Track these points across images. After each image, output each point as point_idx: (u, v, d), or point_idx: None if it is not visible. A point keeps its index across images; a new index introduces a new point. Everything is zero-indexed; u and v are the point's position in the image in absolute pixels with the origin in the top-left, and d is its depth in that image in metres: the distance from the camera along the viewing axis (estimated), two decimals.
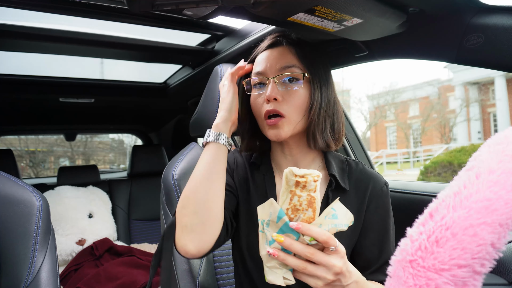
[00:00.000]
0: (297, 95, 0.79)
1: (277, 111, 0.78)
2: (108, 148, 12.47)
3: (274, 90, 0.78)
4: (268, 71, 0.82)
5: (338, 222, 0.59)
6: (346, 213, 0.61)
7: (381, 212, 0.83)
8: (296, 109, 0.79)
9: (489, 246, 0.46)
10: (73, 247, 2.16)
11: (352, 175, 0.86)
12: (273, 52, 0.83)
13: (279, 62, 0.81)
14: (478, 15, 0.82)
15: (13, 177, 0.88)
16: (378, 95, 21.73)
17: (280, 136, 0.79)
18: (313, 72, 0.81)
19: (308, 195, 0.58)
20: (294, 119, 0.79)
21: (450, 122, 19.52)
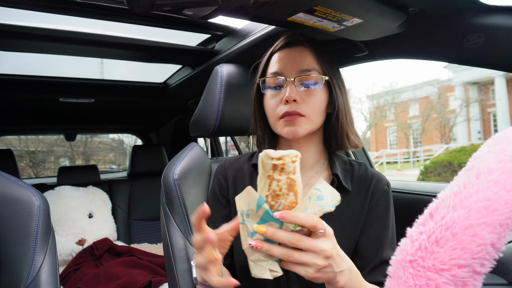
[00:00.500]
0: (317, 97, 0.81)
1: (297, 112, 0.78)
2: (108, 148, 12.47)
3: (293, 91, 0.79)
4: (286, 71, 0.82)
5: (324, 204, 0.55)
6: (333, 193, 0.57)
7: (381, 210, 0.83)
8: (316, 110, 0.80)
9: (489, 246, 0.46)
10: (73, 247, 2.16)
11: (355, 175, 0.86)
12: (291, 52, 0.83)
13: (298, 63, 0.81)
14: (478, 15, 0.82)
15: (13, 177, 0.88)
16: (378, 95, 21.73)
17: (297, 134, 0.79)
18: (332, 74, 0.83)
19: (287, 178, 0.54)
20: (313, 119, 0.80)
21: (450, 122, 19.52)
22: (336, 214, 0.76)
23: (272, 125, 0.85)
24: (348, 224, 0.81)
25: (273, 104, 0.83)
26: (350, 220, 0.82)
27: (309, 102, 0.80)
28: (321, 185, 0.56)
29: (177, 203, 1.02)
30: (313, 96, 0.80)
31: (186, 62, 1.87)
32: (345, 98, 0.85)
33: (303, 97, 0.80)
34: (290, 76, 0.81)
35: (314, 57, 0.83)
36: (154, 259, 2.10)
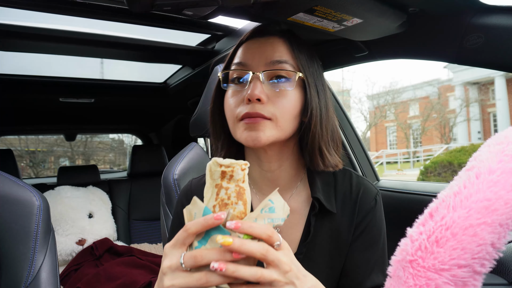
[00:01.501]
0: (288, 97, 0.66)
1: (260, 114, 0.63)
2: (108, 148, 12.47)
3: (258, 88, 0.64)
4: (252, 63, 0.67)
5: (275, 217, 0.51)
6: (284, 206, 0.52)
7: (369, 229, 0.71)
8: (285, 113, 0.65)
9: (489, 246, 0.46)
10: (73, 247, 2.16)
11: (339, 189, 0.74)
12: (261, 42, 0.69)
13: (268, 54, 0.67)
14: (478, 15, 0.82)
15: (13, 177, 0.88)
16: (378, 95, 21.72)
17: (259, 140, 0.63)
18: (309, 71, 0.69)
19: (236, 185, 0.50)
20: (281, 125, 0.65)
21: (450, 122, 19.52)
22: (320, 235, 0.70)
23: (231, 130, 0.70)
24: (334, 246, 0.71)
25: (233, 103, 0.68)
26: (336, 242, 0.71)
27: (277, 103, 0.65)
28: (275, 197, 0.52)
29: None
30: (282, 96, 0.65)
31: (186, 62, 1.87)
32: (323, 104, 0.69)
33: (270, 96, 0.65)
34: (257, 69, 0.66)
35: (288, 48, 0.68)
36: (154, 259, 2.10)
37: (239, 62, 0.69)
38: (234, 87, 0.69)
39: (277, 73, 0.66)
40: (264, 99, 0.64)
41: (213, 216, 0.46)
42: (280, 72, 0.66)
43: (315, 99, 0.68)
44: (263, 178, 0.74)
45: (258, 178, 0.75)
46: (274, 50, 0.68)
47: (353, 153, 1.60)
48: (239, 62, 0.69)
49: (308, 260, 0.68)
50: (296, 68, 0.68)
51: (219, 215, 0.46)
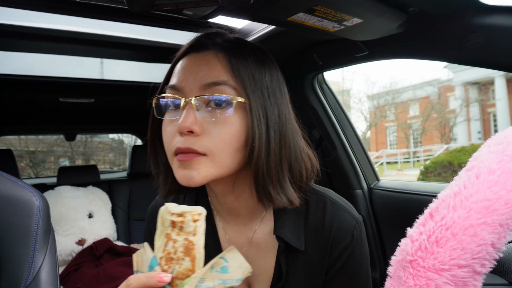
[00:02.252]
0: (227, 126, 0.55)
1: (192, 149, 0.54)
2: (108, 148, 12.47)
3: (190, 117, 0.54)
4: (186, 86, 0.57)
5: (228, 277, 0.45)
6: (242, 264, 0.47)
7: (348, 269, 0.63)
8: (224, 147, 0.55)
9: (489, 246, 0.46)
10: (73, 247, 2.16)
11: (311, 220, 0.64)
12: (195, 59, 0.59)
13: (203, 75, 0.56)
14: (478, 15, 0.82)
15: (13, 177, 0.88)
16: (378, 95, 21.73)
17: (193, 181, 0.54)
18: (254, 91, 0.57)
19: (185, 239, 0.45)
20: (220, 160, 0.55)
21: (450, 122, 19.52)
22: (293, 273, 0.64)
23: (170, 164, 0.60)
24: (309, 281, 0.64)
25: (169, 135, 0.58)
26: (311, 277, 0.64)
27: (213, 135, 0.54)
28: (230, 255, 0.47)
29: None
30: (220, 126, 0.55)
31: None
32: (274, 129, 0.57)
33: (205, 126, 0.55)
34: (190, 93, 0.56)
35: (227, 65, 0.57)
36: None
37: (172, 86, 0.59)
38: (170, 115, 0.59)
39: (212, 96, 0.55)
40: (198, 130, 0.54)
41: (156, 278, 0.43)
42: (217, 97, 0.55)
43: (260, 126, 0.56)
44: (223, 208, 0.68)
45: (219, 208, 0.69)
46: (211, 69, 0.57)
47: (353, 153, 1.60)
48: (172, 85, 0.59)
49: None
50: (238, 90, 0.56)
51: (161, 277, 0.43)
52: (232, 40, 0.62)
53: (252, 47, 0.63)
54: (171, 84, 0.60)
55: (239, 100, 0.56)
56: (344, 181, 1.55)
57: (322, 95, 1.57)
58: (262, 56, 0.63)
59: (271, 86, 0.60)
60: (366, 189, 1.53)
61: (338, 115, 1.59)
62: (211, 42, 0.61)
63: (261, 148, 0.56)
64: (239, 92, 0.57)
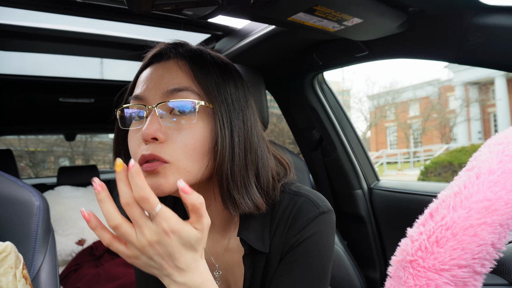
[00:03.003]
0: (190, 132, 0.55)
1: (156, 156, 0.53)
2: (108, 148, 12.47)
3: (154, 124, 0.54)
4: (148, 95, 0.57)
5: None
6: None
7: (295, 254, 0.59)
8: (189, 154, 0.54)
9: (490, 246, 0.46)
10: (73, 247, 2.16)
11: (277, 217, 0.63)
12: (158, 68, 0.59)
13: (165, 83, 0.57)
14: (479, 15, 0.82)
15: (13, 177, 0.88)
16: (378, 95, 21.73)
17: (162, 189, 0.53)
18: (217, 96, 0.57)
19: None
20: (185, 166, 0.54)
21: (450, 122, 19.52)
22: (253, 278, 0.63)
23: None
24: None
25: (134, 145, 0.57)
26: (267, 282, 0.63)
27: (177, 141, 0.54)
28: None
29: None
30: (185, 132, 0.54)
31: None
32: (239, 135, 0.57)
33: (170, 133, 0.54)
34: (153, 101, 0.56)
35: (189, 72, 0.57)
36: None
37: (135, 96, 0.59)
38: (135, 124, 0.59)
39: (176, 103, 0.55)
40: (162, 137, 0.53)
41: None
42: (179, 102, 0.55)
43: (223, 131, 0.56)
44: None
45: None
46: (172, 77, 0.57)
47: (353, 153, 1.60)
48: (136, 95, 0.59)
49: None
50: (201, 95, 0.57)
51: None
52: (194, 50, 0.62)
53: (214, 57, 0.63)
54: (135, 94, 0.60)
55: (202, 104, 0.56)
56: (344, 181, 1.55)
57: (322, 95, 1.57)
58: (224, 65, 0.63)
59: (235, 93, 0.60)
60: (366, 189, 1.53)
61: (338, 115, 1.59)
62: (173, 52, 0.61)
63: (225, 152, 0.55)
64: (202, 97, 0.57)
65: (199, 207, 0.45)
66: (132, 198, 0.45)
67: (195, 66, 0.58)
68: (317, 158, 1.62)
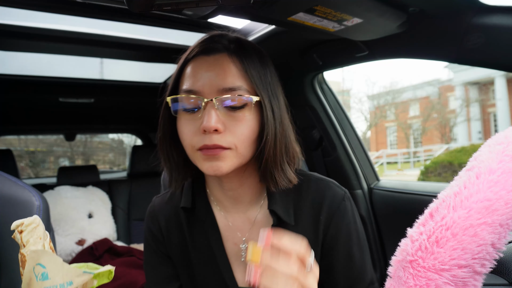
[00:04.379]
0: (245, 124, 0.63)
1: (218, 145, 0.61)
2: (108, 148, 12.47)
3: (213, 117, 0.60)
4: (204, 89, 0.63)
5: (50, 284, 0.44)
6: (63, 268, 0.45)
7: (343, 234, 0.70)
8: (244, 141, 0.63)
9: (490, 246, 0.46)
10: (73, 247, 2.16)
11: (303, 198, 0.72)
12: (210, 62, 0.64)
13: (220, 79, 0.63)
14: (478, 15, 0.82)
15: (13, 177, 0.88)
16: (378, 95, 21.73)
17: (221, 171, 0.62)
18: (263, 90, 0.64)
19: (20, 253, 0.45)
20: (241, 152, 0.63)
21: (451, 122, 19.52)
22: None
23: (190, 157, 0.67)
24: None
25: (189, 133, 0.64)
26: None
27: (235, 132, 0.62)
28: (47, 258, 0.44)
29: None
30: (240, 123, 0.62)
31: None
32: (278, 121, 0.66)
33: (227, 124, 0.62)
34: (209, 95, 0.62)
35: (240, 70, 0.64)
36: None
37: (189, 90, 0.64)
38: (186, 116, 0.65)
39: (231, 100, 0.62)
40: (221, 128, 0.61)
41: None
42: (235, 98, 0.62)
43: (271, 121, 0.64)
44: (225, 197, 0.74)
45: (220, 197, 0.75)
46: (226, 75, 0.63)
47: (353, 153, 1.60)
48: (189, 89, 0.64)
49: None
50: (251, 91, 0.64)
51: None
52: (237, 41, 0.68)
53: (253, 47, 0.69)
54: (188, 87, 0.64)
55: (255, 100, 0.63)
56: (344, 181, 1.55)
57: (322, 95, 1.57)
58: (262, 54, 0.70)
59: (271, 82, 0.68)
60: (366, 189, 1.53)
61: (338, 115, 1.59)
62: (220, 45, 0.66)
63: (271, 140, 0.64)
64: (252, 93, 0.64)
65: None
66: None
67: (245, 62, 0.64)
68: (317, 158, 1.62)
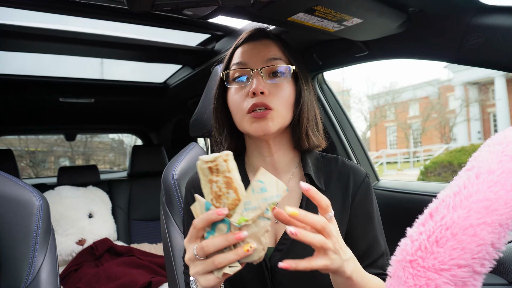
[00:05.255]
0: (284, 89, 0.76)
1: (266, 104, 0.73)
2: (108, 148, 12.47)
3: (261, 82, 0.74)
4: (251, 62, 0.76)
5: (268, 195, 0.54)
6: (277, 183, 0.55)
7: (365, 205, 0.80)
8: (284, 104, 0.76)
9: (489, 246, 0.46)
10: (73, 247, 2.16)
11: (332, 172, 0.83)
12: (255, 44, 0.79)
13: (264, 53, 0.77)
14: (478, 15, 0.82)
15: (13, 177, 0.88)
16: (378, 95, 21.73)
17: (269, 130, 0.73)
18: (298, 65, 0.79)
19: (224, 177, 0.54)
20: (283, 114, 0.75)
21: (450, 122, 19.51)
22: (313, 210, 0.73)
23: (238, 123, 0.78)
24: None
25: (239, 99, 0.76)
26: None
27: (277, 95, 0.75)
28: (264, 176, 0.55)
29: (177, 203, 1.02)
30: (281, 89, 0.75)
31: (186, 62, 1.87)
32: (309, 94, 0.80)
33: (270, 89, 0.75)
34: (256, 66, 0.76)
35: (280, 48, 0.79)
36: (154, 259, 2.10)
37: (239, 62, 0.77)
38: (236, 85, 0.78)
39: (274, 69, 0.75)
40: (267, 91, 0.73)
41: (215, 212, 0.53)
42: (277, 68, 0.75)
43: (305, 90, 0.78)
44: (263, 163, 0.82)
45: (258, 164, 0.83)
46: (269, 50, 0.77)
47: (353, 153, 1.61)
48: (239, 62, 0.77)
49: None
50: (289, 63, 0.78)
51: (220, 211, 0.53)
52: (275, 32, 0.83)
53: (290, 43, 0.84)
54: (237, 61, 0.78)
55: (293, 69, 0.76)
56: None
57: (322, 95, 1.57)
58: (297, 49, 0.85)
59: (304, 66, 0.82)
60: None
61: (338, 115, 1.59)
62: (263, 33, 0.81)
63: (305, 104, 0.78)
64: (290, 63, 0.78)
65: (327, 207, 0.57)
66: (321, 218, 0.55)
67: (283, 44, 0.80)
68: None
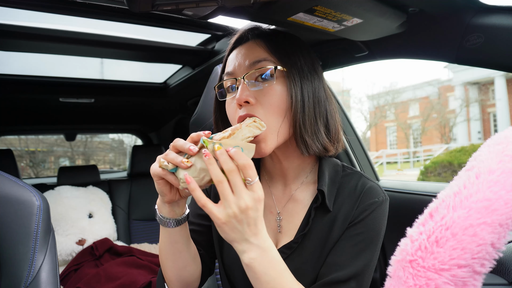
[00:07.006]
0: (272, 94, 0.69)
1: (251, 114, 0.68)
2: (108, 148, 12.47)
3: (244, 91, 0.68)
4: (236, 70, 0.73)
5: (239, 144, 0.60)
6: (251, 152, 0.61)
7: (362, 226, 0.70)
8: (274, 111, 0.68)
9: (489, 246, 0.46)
10: (73, 247, 2.16)
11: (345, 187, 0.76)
12: (241, 49, 0.75)
13: (246, 58, 0.72)
14: (478, 15, 0.82)
15: (13, 177, 0.88)
16: (378, 95, 21.73)
17: (264, 152, 0.68)
18: (288, 62, 0.71)
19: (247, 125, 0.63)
20: (274, 125, 0.69)
21: (450, 122, 19.51)
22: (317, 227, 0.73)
23: None
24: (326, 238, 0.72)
25: (231, 110, 0.73)
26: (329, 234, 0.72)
27: (264, 103, 0.68)
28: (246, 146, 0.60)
29: None
30: (269, 95, 0.68)
31: (186, 62, 1.87)
32: (307, 91, 0.71)
33: (258, 97, 0.69)
34: (240, 74, 0.71)
35: (263, 48, 0.72)
36: (154, 259, 2.10)
37: (226, 73, 0.75)
38: (229, 96, 0.75)
39: (258, 72, 0.70)
40: (252, 100, 0.68)
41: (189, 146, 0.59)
42: (260, 71, 0.69)
43: (295, 88, 0.70)
44: (274, 169, 0.80)
45: (271, 170, 0.82)
46: (252, 52, 0.72)
47: (353, 153, 1.60)
48: (226, 72, 0.75)
49: (301, 249, 0.73)
50: (276, 62, 0.71)
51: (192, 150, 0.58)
52: (267, 31, 0.76)
53: (286, 34, 0.77)
54: (226, 71, 0.75)
55: (278, 68, 0.69)
56: None
57: None
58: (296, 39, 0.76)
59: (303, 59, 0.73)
60: None
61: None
62: (250, 34, 0.75)
63: (297, 104, 0.69)
64: (276, 64, 0.70)
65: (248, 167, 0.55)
66: (235, 166, 0.54)
67: (269, 42, 0.72)
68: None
